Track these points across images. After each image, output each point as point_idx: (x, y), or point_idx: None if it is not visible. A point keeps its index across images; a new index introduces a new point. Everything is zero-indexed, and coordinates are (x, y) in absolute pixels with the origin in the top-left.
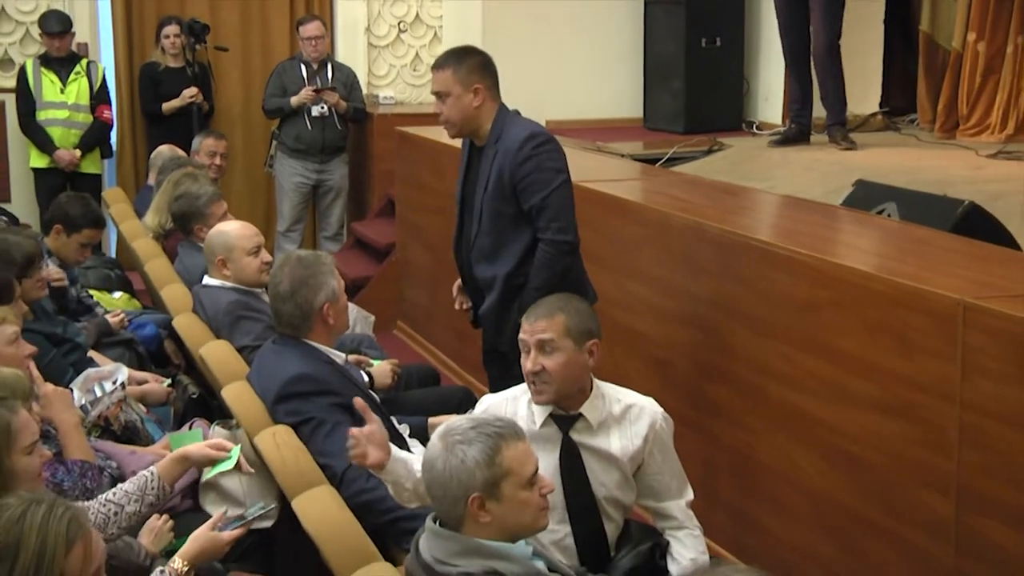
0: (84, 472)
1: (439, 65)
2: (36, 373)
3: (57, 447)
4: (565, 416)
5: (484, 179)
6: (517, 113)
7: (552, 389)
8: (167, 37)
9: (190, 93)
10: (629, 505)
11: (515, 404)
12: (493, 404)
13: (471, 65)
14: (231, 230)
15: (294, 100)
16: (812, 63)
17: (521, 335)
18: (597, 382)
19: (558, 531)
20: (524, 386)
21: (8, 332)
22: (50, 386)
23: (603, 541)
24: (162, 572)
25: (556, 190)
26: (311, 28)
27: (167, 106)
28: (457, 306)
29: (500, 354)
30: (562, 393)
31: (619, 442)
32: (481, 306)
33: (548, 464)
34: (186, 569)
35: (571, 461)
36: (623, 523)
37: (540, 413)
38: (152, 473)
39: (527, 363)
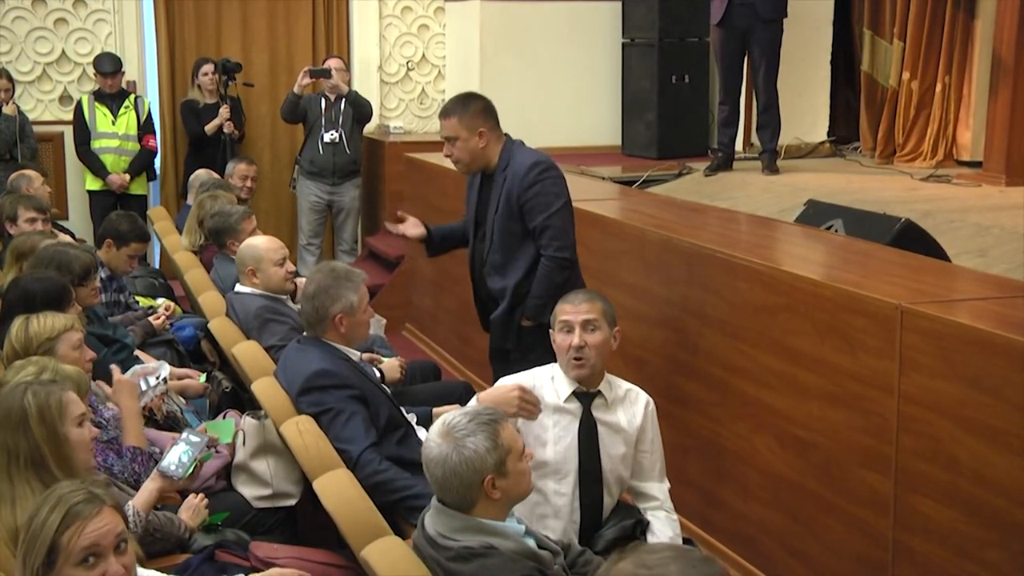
0: (135, 457)
1: (446, 113)
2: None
3: (110, 435)
4: (586, 393)
5: (495, 202)
6: (521, 143)
7: (590, 364)
8: (205, 75)
9: (225, 114)
10: (626, 482)
11: (539, 382)
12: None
13: (474, 111)
14: (259, 244)
15: (296, 88)
16: (754, 96)
17: (564, 316)
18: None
19: (566, 494)
20: (547, 368)
21: (74, 339)
22: (123, 376)
23: (600, 510)
24: None
25: (557, 212)
26: (333, 62)
27: (209, 127)
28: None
29: (504, 352)
30: (596, 368)
31: (626, 417)
32: (491, 313)
33: (568, 434)
34: None
35: (588, 433)
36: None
37: (564, 390)
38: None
39: (573, 339)
